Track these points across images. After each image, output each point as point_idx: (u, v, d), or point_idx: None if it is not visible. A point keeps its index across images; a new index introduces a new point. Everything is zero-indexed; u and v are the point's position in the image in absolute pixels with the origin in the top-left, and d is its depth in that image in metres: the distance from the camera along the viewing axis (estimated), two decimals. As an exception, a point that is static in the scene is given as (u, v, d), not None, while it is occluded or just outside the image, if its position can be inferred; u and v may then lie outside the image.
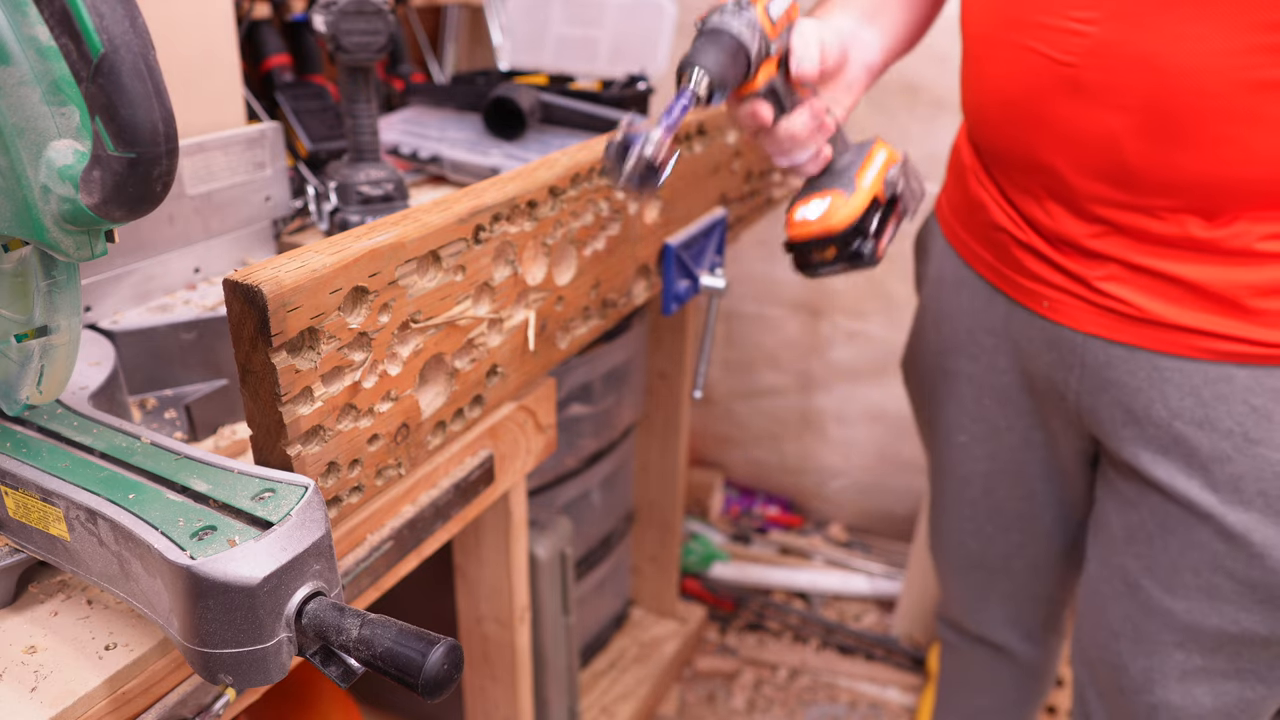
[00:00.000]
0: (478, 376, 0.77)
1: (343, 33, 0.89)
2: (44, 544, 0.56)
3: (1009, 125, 0.79)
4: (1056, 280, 0.82)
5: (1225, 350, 0.74)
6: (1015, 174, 0.82)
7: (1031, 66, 0.74)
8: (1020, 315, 0.88)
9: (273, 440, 0.59)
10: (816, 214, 0.80)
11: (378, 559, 0.70)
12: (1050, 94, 0.73)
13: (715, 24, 0.68)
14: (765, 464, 2.18)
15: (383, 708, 1.31)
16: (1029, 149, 0.78)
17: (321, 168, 1.12)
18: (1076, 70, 0.71)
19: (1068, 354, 0.84)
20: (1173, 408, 0.78)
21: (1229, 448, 0.76)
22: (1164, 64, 0.67)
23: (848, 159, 0.82)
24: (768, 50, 0.70)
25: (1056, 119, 0.74)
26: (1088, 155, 0.73)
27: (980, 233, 0.90)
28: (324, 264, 0.58)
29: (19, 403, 0.59)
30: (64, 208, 0.46)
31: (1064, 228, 0.79)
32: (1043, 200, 0.80)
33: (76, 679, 0.53)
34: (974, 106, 0.85)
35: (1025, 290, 0.86)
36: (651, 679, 1.56)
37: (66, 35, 0.41)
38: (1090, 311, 0.80)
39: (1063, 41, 0.71)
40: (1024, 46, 0.74)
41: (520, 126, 1.18)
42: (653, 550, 1.65)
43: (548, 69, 1.48)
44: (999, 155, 0.83)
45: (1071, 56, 0.71)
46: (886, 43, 0.87)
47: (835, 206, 0.80)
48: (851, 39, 0.81)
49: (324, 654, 0.51)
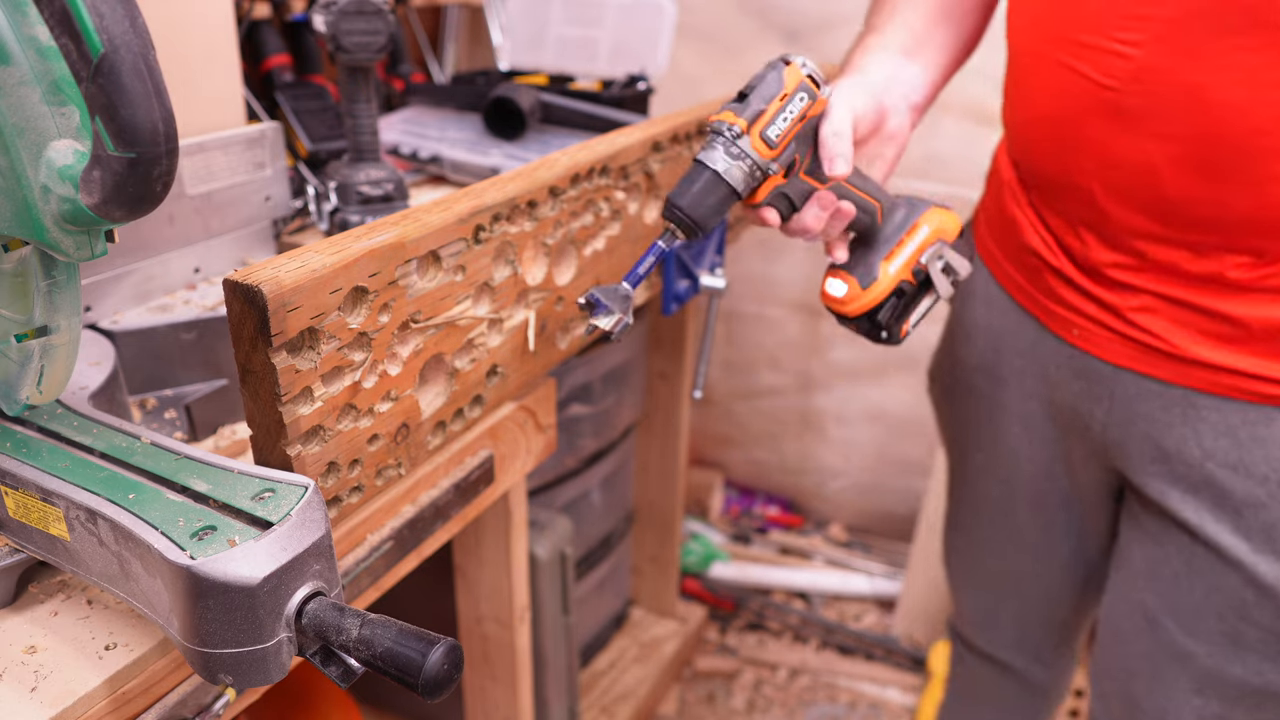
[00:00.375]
0: (478, 376, 0.77)
1: (343, 33, 0.89)
2: (44, 544, 0.56)
3: (1048, 145, 0.76)
4: (1088, 309, 0.80)
5: (1265, 393, 0.71)
6: (1051, 196, 0.79)
7: (1072, 87, 0.71)
8: (1049, 341, 0.86)
9: (273, 440, 0.59)
10: (836, 293, 0.79)
11: (378, 559, 0.70)
12: (1090, 117, 0.70)
13: (702, 157, 0.67)
14: (765, 464, 2.18)
15: (383, 708, 1.31)
16: (1066, 172, 0.75)
17: (321, 168, 1.12)
18: (1118, 94, 0.67)
19: (1096, 385, 0.82)
20: (1206, 448, 0.75)
21: (1263, 494, 0.73)
22: (1211, 95, 0.63)
23: (889, 230, 0.78)
24: (765, 173, 0.68)
25: (1095, 143, 0.71)
26: (1125, 183, 0.70)
27: (1013, 253, 0.88)
28: (324, 264, 0.58)
29: (19, 403, 0.59)
30: (64, 208, 0.46)
31: (1097, 256, 0.76)
32: (1077, 226, 0.77)
33: (76, 679, 0.53)
34: (1014, 123, 0.82)
35: (1055, 316, 0.83)
36: (651, 679, 1.56)
37: (66, 35, 0.41)
38: (1122, 344, 0.78)
39: (1105, 63, 0.68)
40: (1065, 65, 0.71)
41: (520, 126, 1.18)
42: (653, 550, 1.65)
43: (548, 69, 1.48)
44: (1036, 174, 0.81)
45: (1113, 80, 0.67)
46: (931, 76, 0.83)
47: (851, 295, 0.78)
48: (887, 88, 0.77)
49: (324, 654, 0.51)
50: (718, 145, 0.67)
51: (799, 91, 0.68)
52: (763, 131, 0.67)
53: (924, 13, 0.83)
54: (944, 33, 0.84)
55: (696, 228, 0.67)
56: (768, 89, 0.68)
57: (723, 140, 0.67)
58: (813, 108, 0.69)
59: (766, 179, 0.69)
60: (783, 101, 0.68)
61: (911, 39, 0.82)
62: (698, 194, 0.67)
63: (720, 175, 0.67)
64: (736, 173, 0.67)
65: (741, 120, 0.67)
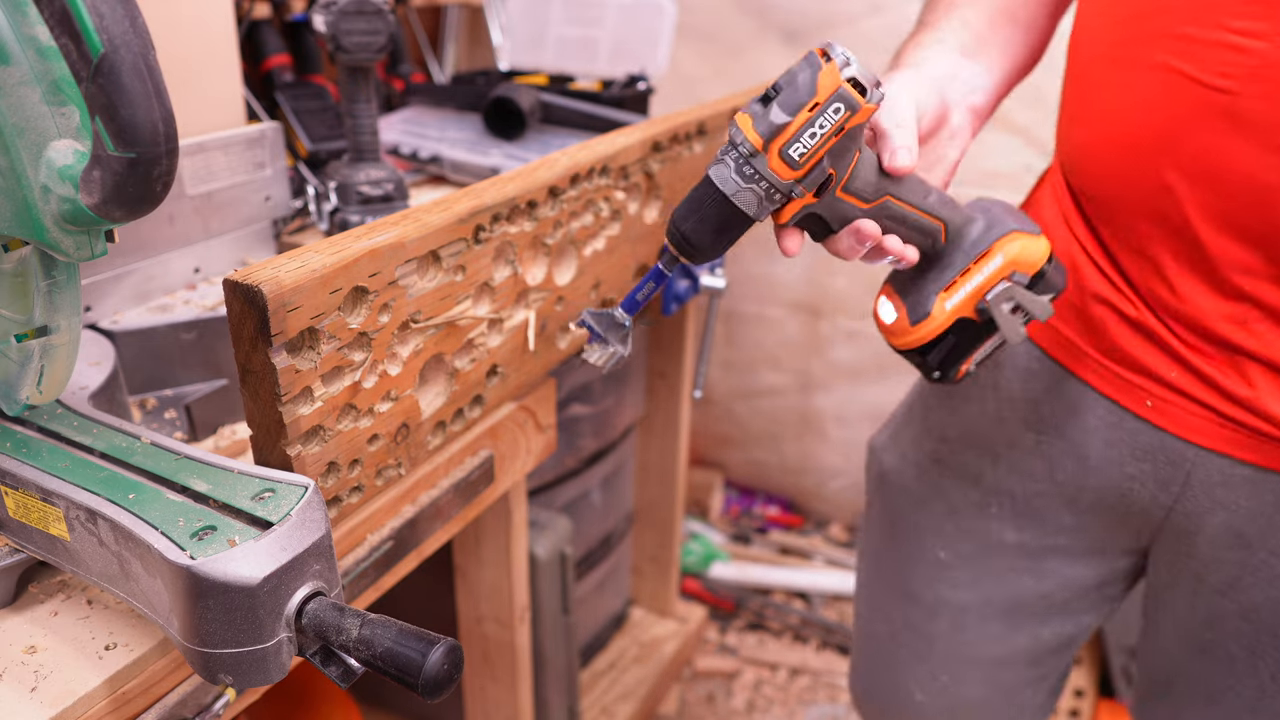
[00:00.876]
0: (478, 376, 0.77)
1: (343, 33, 0.89)
2: (44, 544, 0.56)
3: (1130, 165, 0.64)
4: (1172, 376, 0.67)
5: None
6: (1129, 229, 0.66)
7: (1170, 90, 0.60)
8: (1103, 412, 0.72)
9: (273, 440, 0.59)
10: (886, 318, 0.68)
11: (378, 559, 0.70)
12: (1193, 126, 0.59)
13: (711, 174, 0.57)
14: (765, 464, 2.18)
15: (383, 708, 1.31)
16: (1154, 196, 0.63)
17: (321, 168, 1.12)
18: (1233, 97, 0.57)
19: (1167, 468, 0.69)
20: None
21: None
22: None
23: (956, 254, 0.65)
24: (787, 196, 0.57)
25: (1198, 158, 0.59)
26: (1232, 209, 0.59)
27: (1063, 301, 0.74)
28: (324, 264, 0.58)
29: (19, 403, 0.59)
30: (64, 208, 0.46)
31: (1192, 304, 0.64)
32: (1164, 266, 0.64)
33: (76, 679, 0.53)
34: (1080, 143, 0.70)
35: (1121, 382, 0.70)
36: (651, 679, 1.56)
37: (66, 35, 0.41)
38: (1214, 421, 0.66)
39: (1217, 59, 0.57)
40: (1161, 65, 0.60)
41: (520, 126, 1.18)
42: (653, 550, 1.65)
43: (548, 69, 1.48)
44: (1109, 204, 0.67)
45: (1227, 80, 0.57)
46: (995, 78, 0.72)
47: (898, 327, 0.66)
48: (948, 84, 0.67)
49: (324, 654, 0.51)
50: (729, 161, 0.56)
51: (834, 101, 0.55)
52: (783, 150, 0.55)
53: (986, 10, 0.72)
54: (1008, 33, 0.73)
55: (698, 254, 0.58)
56: (795, 95, 0.55)
57: (735, 156, 0.56)
58: (853, 119, 0.55)
59: (790, 202, 0.58)
60: (812, 112, 0.55)
61: (972, 38, 0.71)
62: (704, 217, 0.57)
63: (729, 199, 0.56)
64: (749, 196, 0.56)
65: (756, 135, 0.55)
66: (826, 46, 0.56)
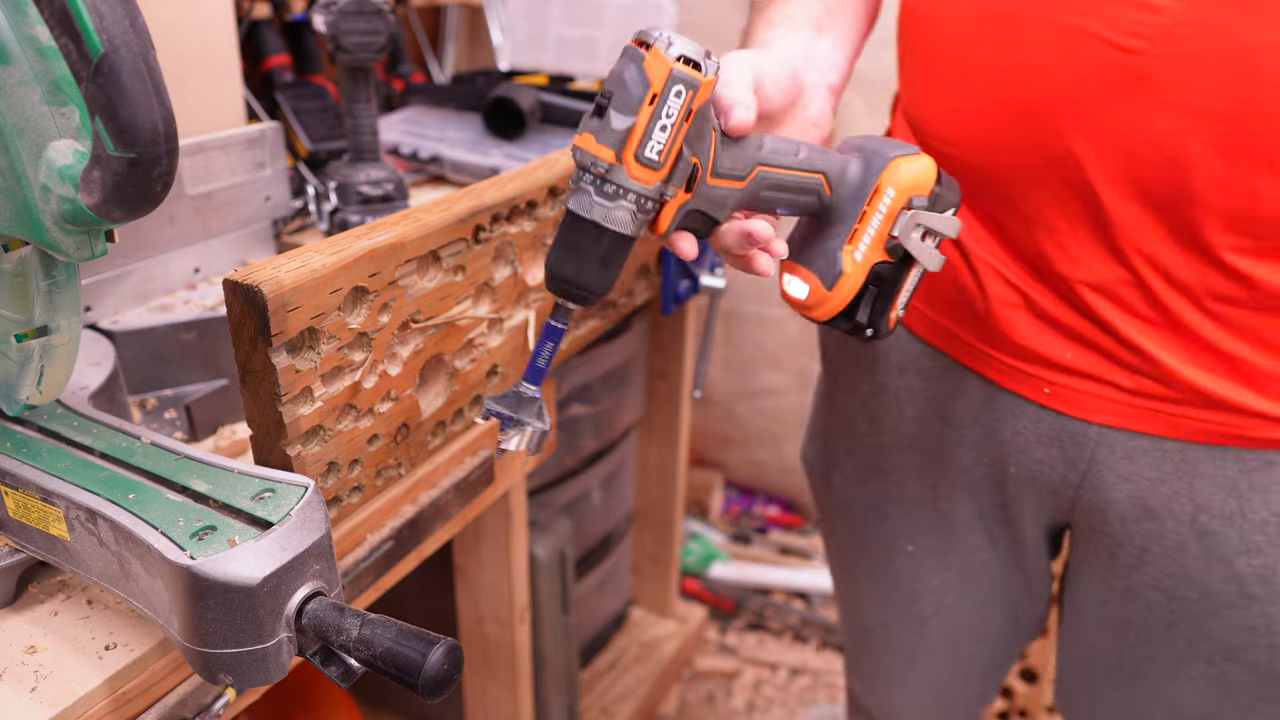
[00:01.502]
0: (478, 376, 0.77)
1: (343, 33, 0.89)
2: (44, 544, 0.56)
3: (1026, 130, 0.62)
4: (1067, 358, 0.67)
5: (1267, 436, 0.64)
6: (1023, 197, 0.65)
7: (1074, 51, 0.57)
8: (1005, 404, 0.73)
9: (273, 440, 0.59)
10: (797, 294, 0.63)
11: (378, 559, 0.70)
12: (1100, 87, 0.57)
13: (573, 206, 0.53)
14: (765, 464, 2.18)
15: (383, 708, 1.31)
16: (1054, 162, 0.61)
17: (321, 168, 1.12)
18: (1144, 58, 0.55)
19: (1072, 449, 0.71)
20: (1200, 501, 0.67)
21: (1262, 540, 0.67)
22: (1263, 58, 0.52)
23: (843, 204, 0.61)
24: (660, 201, 0.54)
25: (1103, 121, 0.58)
26: (1141, 172, 0.58)
27: (945, 299, 0.74)
28: (324, 264, 0.58)
29: (19, 403, 0.59)
30: (64, 208, 0.46)
31: (1088, 269, 0.63)
32: (1059, 231, 0.63)
33: (76, 679, 0.53)
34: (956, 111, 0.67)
35: (1016, 374, 0.71)
36: (651, 679, 1.56)
37: (66, 35, 0.41)
38: (1110, 398, 0.67)
39: (1129, 19, 0.55)
40: (1064, 24, 0.57)
41: (520, 126, 1.18)
42: (653, 550, 1.65)
43: (548, 69, 1.48)
44: (999, 173, 0.65)
45: (1139, 40, 0.55)
46: (846, 52, 0.70)
47: (815, 299, 0.62)
48: (804, 63, 0.65)
49: (324, 654, 0.51)
50: (586, 187, 0.52)
51: (672, 85, 0.51)
52: (638, 154, 0.51)
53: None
54: (851, 5, 0.72)
55: (588, 295, 0.54)
56: (629, 94, 0.51)
57: (590, 179, 0.52)
58: (697, 97, 0.52)
59: (664, 206, 0.55)
60: (653, 105, 0.51)
61: (823, 10, 0.69)
62: (581, 254, 0.53)
63: (600, 225, 0.52)
64: (620, 214, 0.52)
65: (605, 150, 0.51)
66: (641, 34, 0.52)
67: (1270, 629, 0.69)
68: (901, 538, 0.86)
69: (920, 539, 0.85)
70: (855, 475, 0.87)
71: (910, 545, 0.86)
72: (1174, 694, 0.75)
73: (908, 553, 0.86)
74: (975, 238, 0.70)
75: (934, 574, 0.86)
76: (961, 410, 0.77)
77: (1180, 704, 0.76)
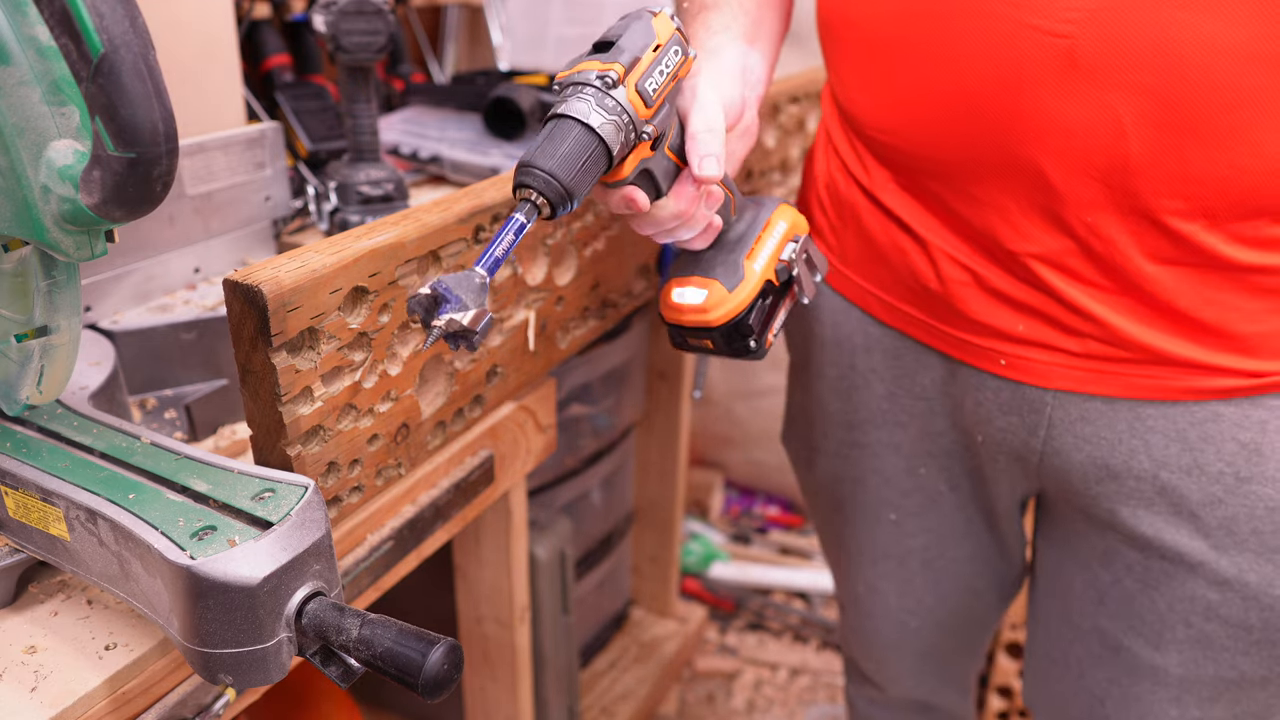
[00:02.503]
0: (478, 376, 0.77)
1: (343, 33, 0.89)
2: (44, 544, 0.56)
3: (972, 117, 0.65)
4: (1020, 330, 0.71)
5: (1211, 387, 0.67)
6: (972, 178, 0.67)
7: (1011, 39, 0.61)
8: (966, 376, 0.76)
9: (273, 440, 0.59)
10: (693, 301, 0.67)
11: (378, 559, 0.70)
12: (1037, 71, 0.60)
13: (568, 110, 0.54)
14: (765, 464, 2.18)
15: (383, 708, 1.31)
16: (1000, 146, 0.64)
17: (321, 168, 1.12)
18: (1073, 42, 0.59)
19: (1031, 416, 0.74)
20: (1157, 457, 0.70)
21: (1220, 490, 0.70)
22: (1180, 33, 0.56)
23: (741, 228, 0.69)
24: (639, 135, 0.56)
25: (1042, 103, 0.61)
26: (1081, 146, 0.62)
27: (900, 282, 0.77)
28: (324, 264, 0.58)
29: (19, 403, 0.59)
30: (64, 208, 0.46)
31: (1037, 242, 0.67)
32: (1008, 214, 0.67)
33: (76, 679, 0.53)
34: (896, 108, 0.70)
35: (973, 348, 0.74)
36: (651, 679, 1.56)
37: (66, 35, 0.41)
38: (1061, 364, 0.70)
39: (1058, 6, 0.58)
40: (1000, 15, 0.61)
41: (520, 126, 1.18)
42: (653, 550, 1.65)
43: (548, 69, 1.48)
44: (945, 160, 0.68)
45: (1068, 25, 0.58)
46: (769, 63, 0.74)
47: (715, 300, 0.67)
48: (741, 77, 0.69)
49: (324, 654, 0.51)
50: (587, 96, 0.54)
51: (672, 44, 0.57)
52: (639, 83, 0.55)
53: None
54: (772, 16, 0.76)
55: (567, 196, 0.53)
56: (636, 38, 0.56)
57: (593, 91, 0.54)
58: (684, 67, 0.59)
59: (638, 145, 0.57)
60: (657, 52, 0.56)
61: (751, 22, 0.73)
62: (566, 153, 0.53)
63: (594, 130, 0.53)
64: (611, 130, 0.54)
65: (615, 65, 0.54)
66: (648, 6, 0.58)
67: (1242, 579, 0.71)
68: (884, 507, 0.90)
69: (901, 505, 0.89)
70: (834, 452, 0.91)
71: (893, 514, 0.90)
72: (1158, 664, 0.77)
73: (890, 521, 0.90)
74: (922, 222, 0.73)
75: (915, 536, 0.90)
76: (927, 384, 0.81)
77: (1163, 672, 0.77)
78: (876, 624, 0.99)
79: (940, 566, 0.92)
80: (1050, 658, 0.88)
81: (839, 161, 0.81)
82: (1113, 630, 0.80)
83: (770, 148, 1.22)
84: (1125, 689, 0.81)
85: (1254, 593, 0.72)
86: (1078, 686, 0.85)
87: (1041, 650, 0.89)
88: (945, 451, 0.84)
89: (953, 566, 0.92)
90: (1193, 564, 0.73)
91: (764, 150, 1.21)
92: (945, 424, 0.82)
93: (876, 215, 0.77)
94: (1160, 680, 0.78)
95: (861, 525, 0.93)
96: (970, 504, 0.87)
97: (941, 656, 1.01)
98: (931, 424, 0.83)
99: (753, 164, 1.21)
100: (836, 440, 0.90)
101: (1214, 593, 0.73)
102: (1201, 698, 0.77)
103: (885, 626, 0.99)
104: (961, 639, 1.00)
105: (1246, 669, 0.75)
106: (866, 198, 0.77)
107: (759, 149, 1.20)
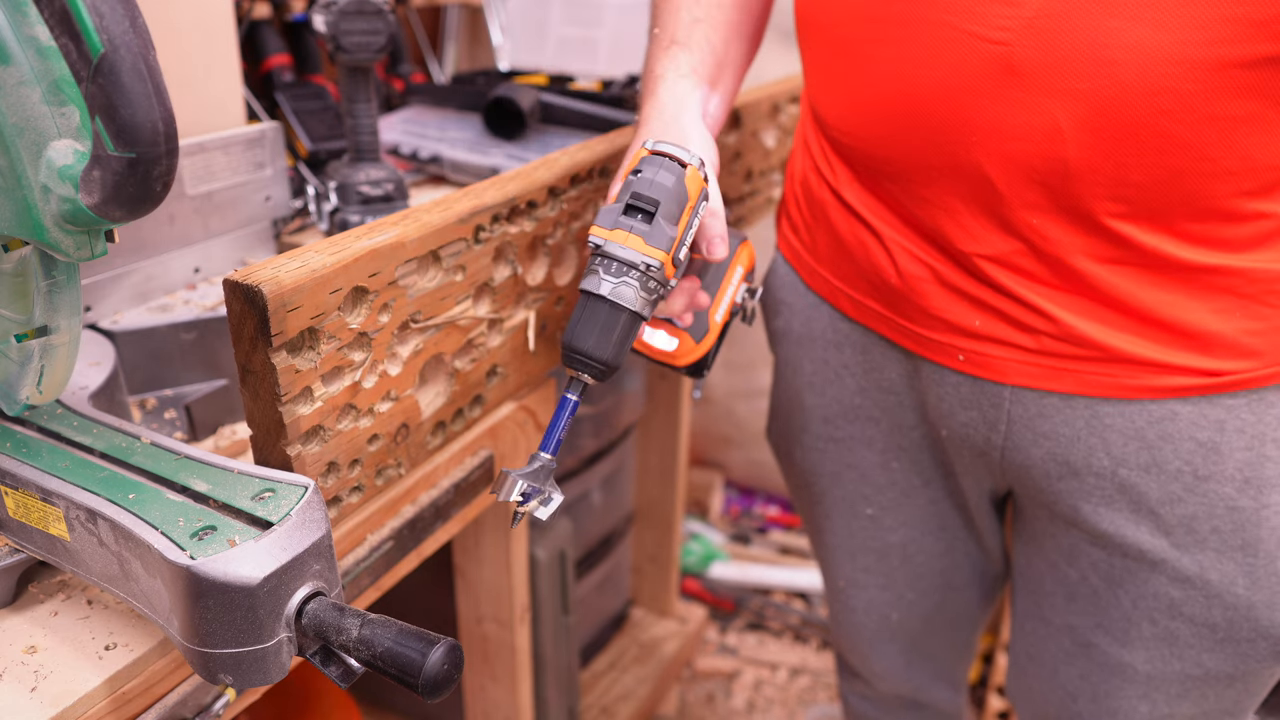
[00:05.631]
0: (478, 376, 0.77)
1: (343, 33, 0.89)
2: (44, 544, 0.56)
3: (919, 122, 0.66)
4: (976, 325, 0.72)
5: (1167, 386, 0.68)
6: (923, 181, 0.69)
7: (953, 46, 0.62)
8: (928, 371, 0.78)
9: (273, 440, 0.59)
10: (664, 348, 0.74)
11: (378, 559, 0.70)
12: (978, 77, 0.62)
13: (617, 299, 0.59)
14: (765, 464, 2.18)
15: (383, 708, 1.31)
16: (946, 149, 0.66)
17: (321, 168, 1.12)
18: (1010, 49, 0.60)
19: (990, 411, 0.75)
20: (1116, 455, 0.71)
21: (1179, 489, 0.70)
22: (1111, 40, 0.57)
23: (711, 275, 0.75)
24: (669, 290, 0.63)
25: (984, 109, 0.63)
26: (1022, 151, 0.63)
27: (865, 278, 0.79)
28: (324, 264, 0.58)
29: (19, 403, 0.59)
30: (64, 208, 0.46)
31: (986, 243, 0.68)
32: (957, 215, 0.68)
33: (76, 679, 0.53)
34: (855, 110, 0.72)
35: (933, 344, 0.75)
36: (651, 679, 1.56)
37: (66, 35, 0.41)
38: (1018, 359, 0.71)
39: (995, 14, 0.60)
40: (942, 23, 0.63)
41: (520, 126, 1.18)
42: (653, 550, 1.65)
43: (548, 69, 1.48)
44: (897, 162, 0.70)
45: (1005, 33, 0.60)
46: (727, 103, 0.78)
47: (684, 350, 0.74)
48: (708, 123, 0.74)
49: (324, 654, 0.51)
50: (633, 282, 0.59)
51: (701, 200, 0.62)
52: (675, 256, 0.60)
53: (721, 30, 0.77)
54: (736, 51, 0.78)
55: (609, 370, 0.60)
56: (673, 205, 0.60)
57: (638, 276, 0.59)
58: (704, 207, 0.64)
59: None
60: (689, 214, 0.61)
61: (715, 63, 0.76)
62: (616, 340, 0.60)
63: (639, 314, 0.60)
64: (651, 305, 0.61)
65: (659, 252, 0.59)
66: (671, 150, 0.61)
67: (1204, 578, 0.72)
68: (860, 502, 0.91)
69: (877, 500, 0.90)
70: (813, 446, 0.92)
71: (870, 509, 0.91)
72: (1126, 660, 0.78)
73: (868, 515, 0.92)
74: (882, 219, 0.75)
75: (894, 531, 0.91)
76: (895, 379, 0.82)
77: (1131, 669, 0.78)
78: (859, 618, 1.00)
79: (920, 561, 0.93)
80: (1028, 654, 0.89)
81: (811, 161, 0.82)
82: (1082, 627, 0.80)
83: (770, 148, 1.22)
84: (1096, 685, 0.81)
85: (1216, 591, 0.72)
86: (1052, 683, 0.86)
87: (1020, 647, 0.90)
88: (916, 445, 0.85)
89: (932, 561, 0.93)
90: (1154, 561, 0.73)
91: (764, 150, 1.21)
92: (914, 418, 0.83)
93: (842, 213, 0.78)
94: (1129, 677, 0.79)
95: (840, 519, 0.94)
96: (944, 499, 0.88)
97: (927, 651, 1.02)
98: (901, 418, 0.84)
99: (753, 164, 1.21)
100: (813, 435, 0.92)
101: (1176, 590, 0.73)
102: (1170, 694, 0.78)
103: (868, 620, 1.00)
104: (946, 635, 1.00)
105: (1212, 666, 0.76)
106: (834, 196, 0.79)
107: (759, 149, 1.20)
